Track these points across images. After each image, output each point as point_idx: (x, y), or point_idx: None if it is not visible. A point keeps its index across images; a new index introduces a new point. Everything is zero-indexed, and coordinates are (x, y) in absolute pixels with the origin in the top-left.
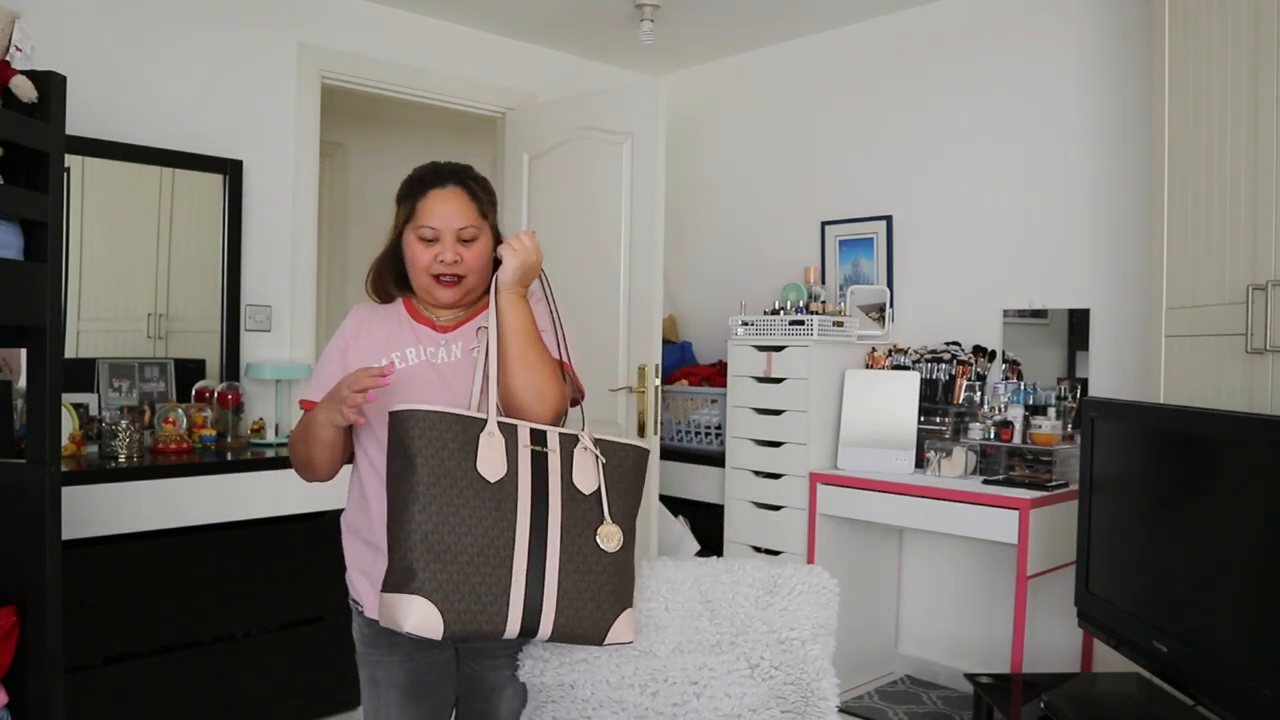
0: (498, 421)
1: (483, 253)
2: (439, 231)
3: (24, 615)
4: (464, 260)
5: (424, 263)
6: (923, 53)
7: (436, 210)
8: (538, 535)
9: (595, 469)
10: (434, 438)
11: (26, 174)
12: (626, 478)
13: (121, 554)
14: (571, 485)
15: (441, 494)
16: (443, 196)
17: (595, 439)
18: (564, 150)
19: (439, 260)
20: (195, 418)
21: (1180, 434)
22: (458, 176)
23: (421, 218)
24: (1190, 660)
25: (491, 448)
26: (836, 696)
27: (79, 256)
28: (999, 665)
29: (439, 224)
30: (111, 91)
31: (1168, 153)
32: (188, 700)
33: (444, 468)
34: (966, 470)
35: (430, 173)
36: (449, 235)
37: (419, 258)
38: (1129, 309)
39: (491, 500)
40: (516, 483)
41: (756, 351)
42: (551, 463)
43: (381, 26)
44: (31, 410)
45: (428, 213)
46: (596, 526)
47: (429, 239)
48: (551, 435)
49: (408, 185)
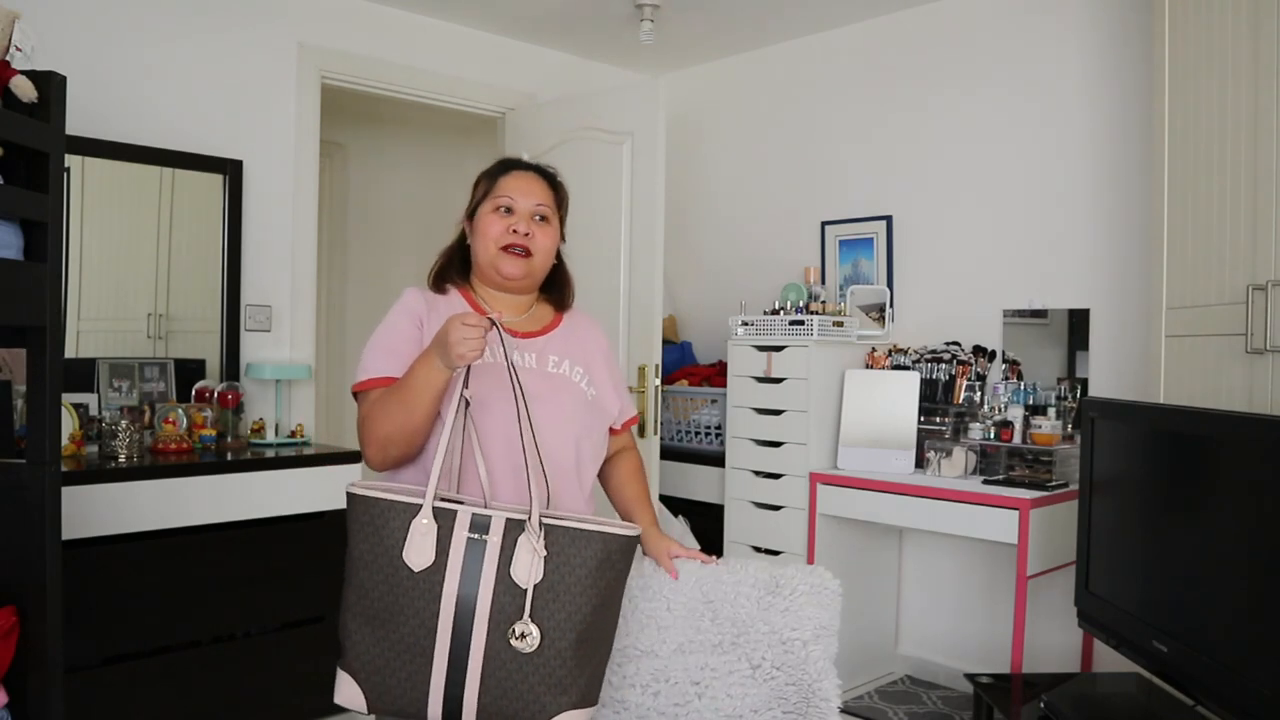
0: (434, 506)
1: (552, 238)
2: (516, 203)
3: (24, 615)
4: (535, 237)
5: (496, 232)
6: (923, 53)
7: (516, 185)
8: (461, 627)
9: (536, 561)
10: (366, 521)
11: (26, 174)
12: (586, 569)
13: (121, 554)
14: (508, 577)
15: (370, 576)
16: (525, 177)
17: (553, 523)
18: (564, 150)
19: (512, 230)
20: (195, 418)
21: (1180, 434)
22: (539, 168)
23: (500, 189)
24: (1190, 660)
25: (422, 534)
26: (838, 698)
27: (79, 256)
28: (999, 665)
29: (517, 196)
30: (112, 91)
31: (1168, 153)
32: (188, 700)
33: (373, 552)
34: (966, 470)
35: (512, 159)
36: (524, 210)
37: (491, 227)
38: (1129, 309)
39: (417, 589)
40: (444, 572)
41: (756, 351)
42: (489, 552)
43: (381, 26)
44: (31, 410)
45: (507, 186)
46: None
47: (506, 209)
48: (496, 520)
49: (489, 169)
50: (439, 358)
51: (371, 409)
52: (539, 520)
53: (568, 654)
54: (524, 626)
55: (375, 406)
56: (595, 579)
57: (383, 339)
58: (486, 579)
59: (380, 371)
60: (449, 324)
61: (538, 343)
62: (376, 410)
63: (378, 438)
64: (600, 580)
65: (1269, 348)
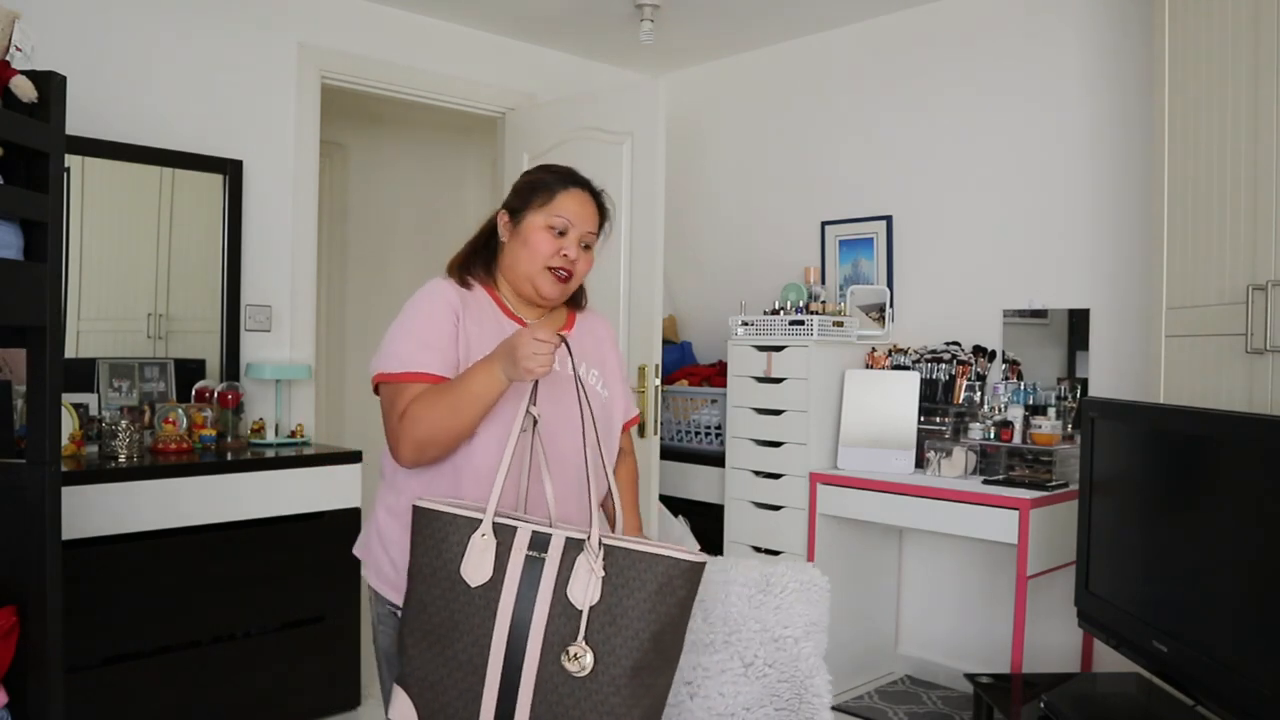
0: (494, 522)
1: (589, 265)
2: (570, 227)
3: (24, 615)
4: (577, 263)
5: (547, 251)
6: (923, 53)
7: (575, 208)
8: (515, 646)
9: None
10: (429, 535)
11: (26, 174)
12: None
13: (121, 554)
14: (564, 597)
15: (429, 591)
16: (582, 199)
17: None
18: (564, 150)
19: (562, 254)
20: (195, 418)
21: (1180, 434)
22: (594, 190)
23: (560, 208)
24: (1190, 660)
25: (481, 550)
26: (829, 694)
27: (79, 256)
28: (999, 665)
29: (574, 220)
30: (111, 91)
31: (1168, 153)
32: (188, 700)
33: (432, 566)
34: (966, 470)
35: (571, 173)
36: (575, 234)
37: (543, 245)
38: (1129, 309)
39: (474, 605)
40: (500, 589)
41: (756, 351)
42: (546, 570)
43: (381, 26)
44: (31, 410)
45: (566, 206)
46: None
47: (560, 231)
48: (556, 538)
49: (547, 176)
50: (502, 368)
51: (414, 408)
52: (598, 540)
53: (622, 682)
54: (578, 649)
55: (419, 406)
56: (654, 604)
57: (420, 329)
58: (543, 598)
59: (422, 366)
60: (520, 338)
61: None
62: (420, 410)
63: (417, 438)
64: (660, 606)
65: (1269, 348)
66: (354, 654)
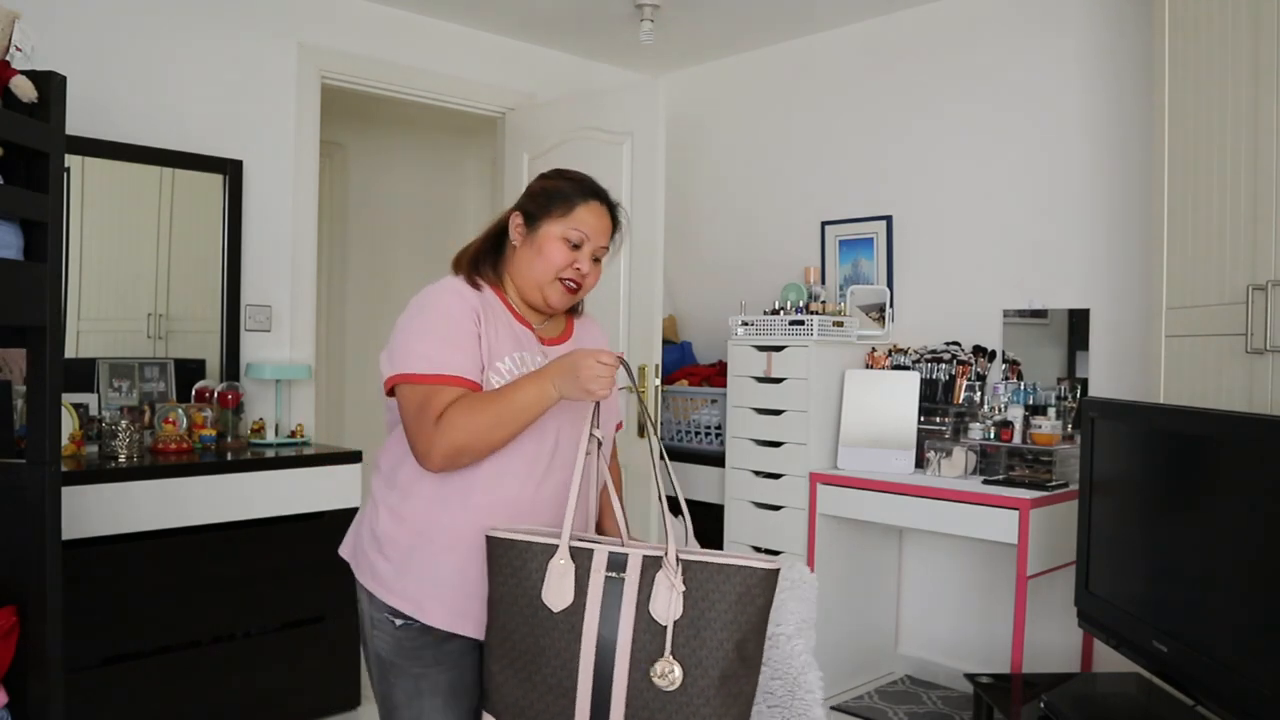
0: (570, 546)
1: (598, 278)
2: (586, 240)
3: (24, 615)
4: (588, 275)
5: (561, 262)
6: (923, 53)
7: (592, 222)
8: (603, 667)
9: (675, 597)
10: (506, 564)
11: (26, 174)
12: (726, 603)
13: (121, 554)
14: (648, 614)
15: (512, 619)
16: (600, 213)
17: (691, 559)
18: (564, 150)
19: (575, 266)
20: (195, 418)
21: (1180, 434)
22: (610, 203)
23: (578, 221)
24: (1190, 660)
25: (560, 575)
26: (821, 689)
27: (79, 256)
28: (999, 665)
29: (591, 234)
30: (111, 91)
31: (1167, 152)
32: (188, 700)
33: (512, 594)
34: (966, 470)
35: (590, 184)
36: (590, 248)
37: (557, 257)
38: (1129, 309)
39: (558, 629)
40: (583, 611)
41: (756, 351)
42: (627, 590)
43: (381, 26)
44: (31, 410)
45: (584, 219)
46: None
47: (575, 244)
48: (633, 557)
49: (566, 186)
50: (556, 385)
51: (453, 414)
52: (675, 556)
53: (711, 692)
54: (666, 664)
55: (459, 414)
56: (736, 614)
57: (445, 330)
58: (626, 617)
59: (455, 369)
60: (583, 358)
61: (559, 349)
62: (460, 418)
63: (455, 445)
64: (741, 615)
65: (1269, 348)
66: (354, 654)
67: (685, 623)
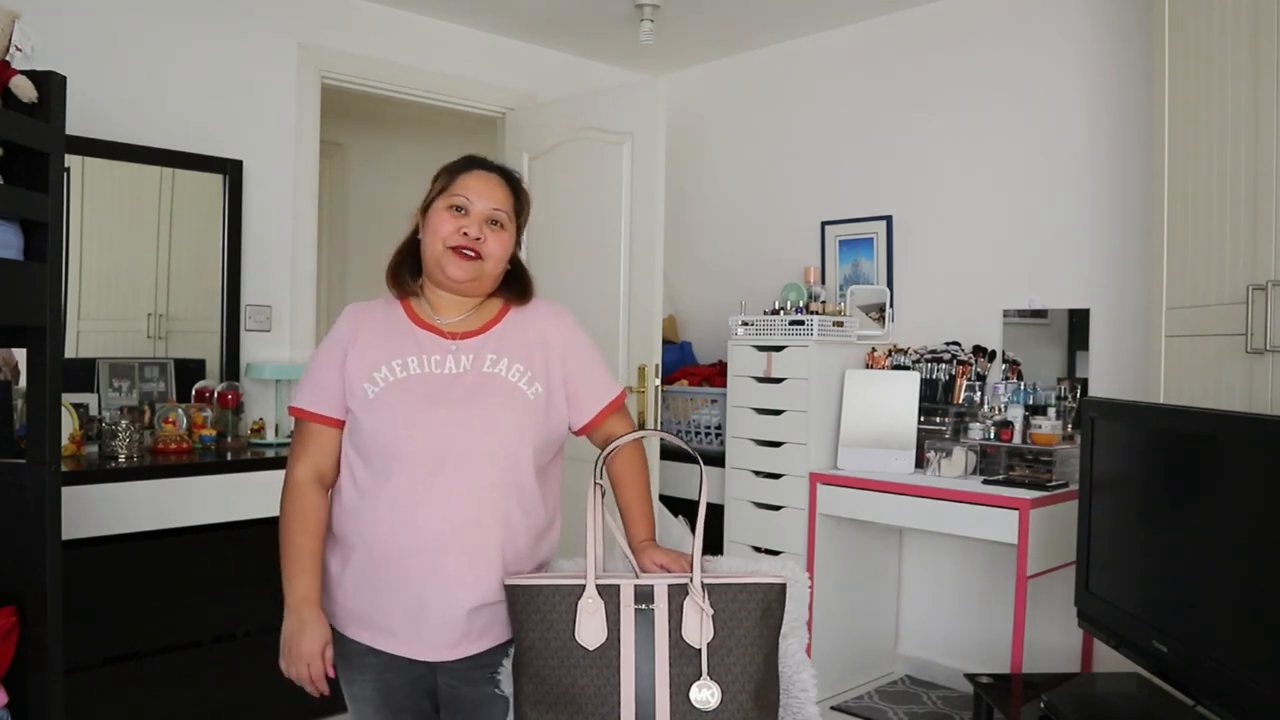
0: (596, 585)
1: (504, 245)
2: (471, 205)
3: (24, 615)
4: (486, 242)
5: (446, 231)
6: (922, 53)
7: (474, 185)
8: (644, 698)
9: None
10: (533, 610)
11: (26, 174)
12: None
13: (121, 554)
14: (681, 641)
15: (546, 663)
16: (484, 177)
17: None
18: (564, 150)
19: (462, 232)
20: (195, 418)
21: (1180, 434)
22: (503, 170)
23: (458, 187)
24: (1190, 660)
25: (590, 613)
26: (815, 688)
27: (79, 256)
28: (999, 665)
29: (473, 196)
30: (111, 91)
31: (1167, 152)
32: (188, 700)
33: (544, 639)
34: (966, 470)
35: (477, 159)
36: (479, 212)
37: (442, 225)
38: (1129, 309)
39: (594, 666)
40: (619, 648)
41: (756, 351)
42: (658, 620)
43: (381, 26)
44: (31, 410)
45: (465, 185)
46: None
47: (459, 208)
48: (659, 588)
49: (449, 165)
50: (289, 622)
51: (287, 500)
52: (701, 581)
53: (748, 706)
54: (704, 685)
55: (287, 512)
56: (761, 629)
57: (314, 366)
58: (661, 646)
59: (304, 404)
60: (310, 646)
61: (474, 342)
62: (285, 509)
63: (281, 508)
64: (765, 630)
65: (1269, 348)
66: None
67: (716, 643)
